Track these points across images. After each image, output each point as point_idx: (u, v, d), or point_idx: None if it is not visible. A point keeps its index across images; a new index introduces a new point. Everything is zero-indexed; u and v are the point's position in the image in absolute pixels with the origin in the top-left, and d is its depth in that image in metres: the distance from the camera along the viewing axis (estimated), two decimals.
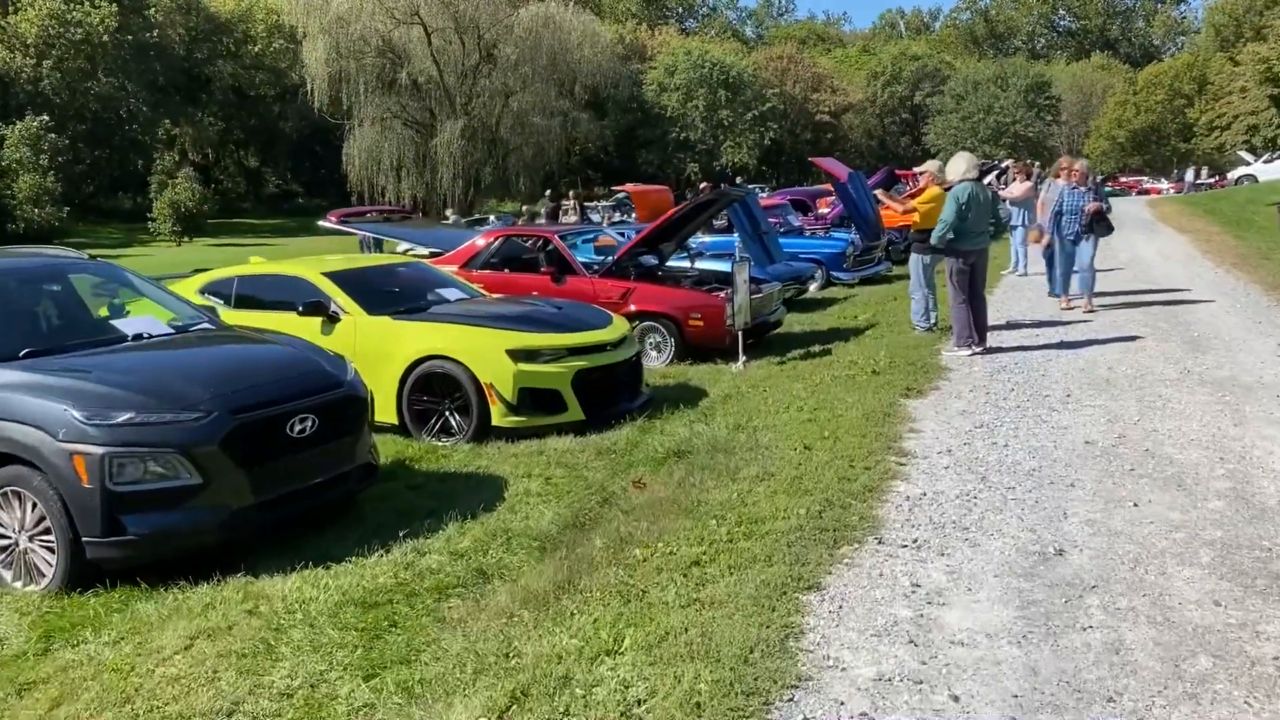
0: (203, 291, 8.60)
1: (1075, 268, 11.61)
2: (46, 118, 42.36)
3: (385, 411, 7.55)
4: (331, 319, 7.77)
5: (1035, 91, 69.04)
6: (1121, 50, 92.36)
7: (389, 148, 48.76)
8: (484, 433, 7.26)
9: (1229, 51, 66.07)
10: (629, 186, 20.28)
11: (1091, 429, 6.27)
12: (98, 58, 48.74)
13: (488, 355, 7.24)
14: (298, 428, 5.09)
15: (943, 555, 4.27)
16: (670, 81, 66.66)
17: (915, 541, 4.42)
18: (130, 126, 51.62)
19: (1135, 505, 4.82)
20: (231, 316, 8.17)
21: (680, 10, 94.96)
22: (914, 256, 10.62)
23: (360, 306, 7.79)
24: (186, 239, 43.26)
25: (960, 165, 9.63)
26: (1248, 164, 47.59)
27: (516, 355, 7.25)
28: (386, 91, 48.71)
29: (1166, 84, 67.76)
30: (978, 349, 9.10)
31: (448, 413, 7.41)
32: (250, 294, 8.43)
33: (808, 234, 17.55)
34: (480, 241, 11.33)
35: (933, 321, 10.54)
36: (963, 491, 5.10)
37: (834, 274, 16.09)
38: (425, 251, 11.93)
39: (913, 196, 11.49)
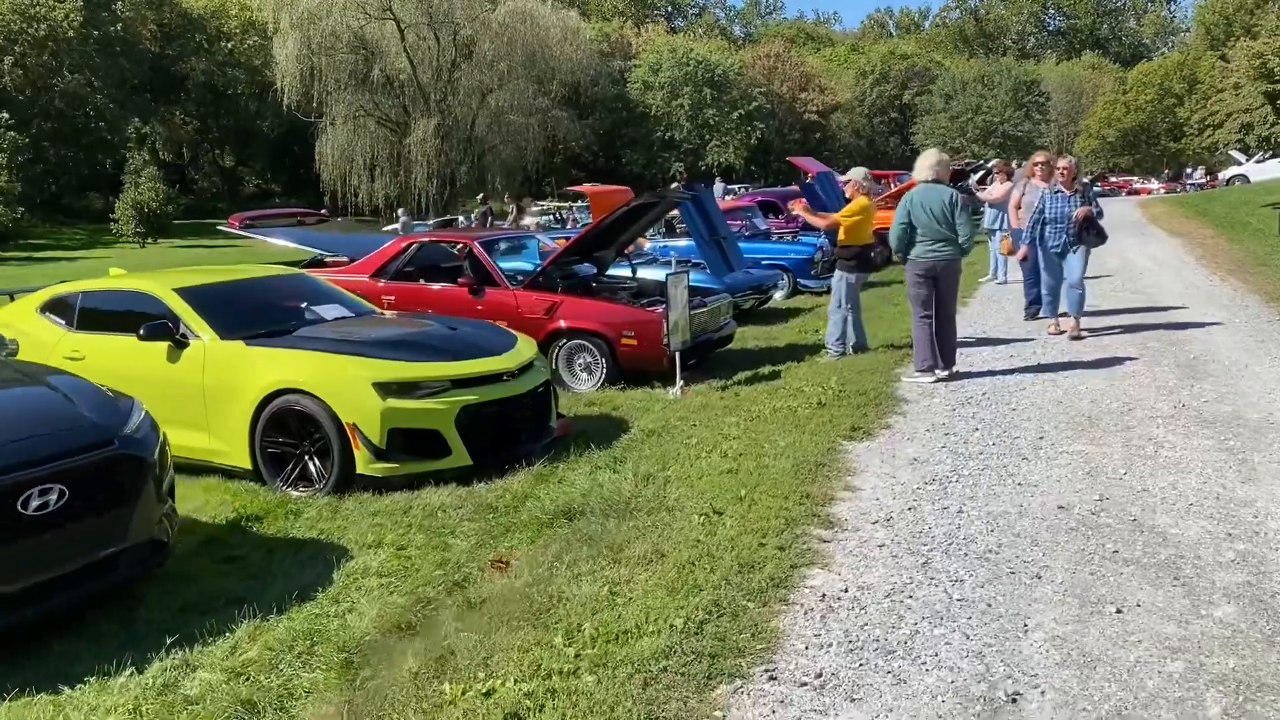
0: (43, 309, 7.41)
1: (1057, 284, 9.99)
2: (5, 115, 40.94)
3: (237, 454, 6.39)
4: (179, 343, 6.59)
5: (1023, 90, 68.09)
6: (1111, 49, 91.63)
7: (362, 146, 47.59)
8: (349, 481, 6.08)
9: (1219, 50, 65.24)
10: (586, 187, 19.04)
11: (1067, 487, 5.11)
12: (62, 54, 47.32)
13: (350, 389, 6.06)
14: (35, 502, 3.90)
15: (854, 700, 3.10)
16: (655, 80, 65.51)
17: (819, 676, 3.25)
18: (97, 124, 50.22)
19: (1119, 611, 3.66)
20: (71, 341, 7.05)
21: (669, 9, 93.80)
22: (837, 274, 9.45)
23: (213, 328, 6.61)
24: (151, 240, 41.92)
25: (922, 164, 8.45)
26: (1239, 164, 46.67)
27: (386, 389, 6.07)
28: (359, 88, 47.50)
29: (1156, 83, 66.91)
30: (942, 374, 7.95)
31: (307, 457, 6.23)
32: (95, 313, 7.22)
33: (775, 238, 16.42)
34: (405, 247, 10.14)
35: (851, 345, 9.39)
36: (896, 586, 3.92)
37: (800, 281, 14.95)
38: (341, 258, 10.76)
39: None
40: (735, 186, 48.32)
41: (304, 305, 7.40)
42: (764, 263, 14.83)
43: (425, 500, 5.81)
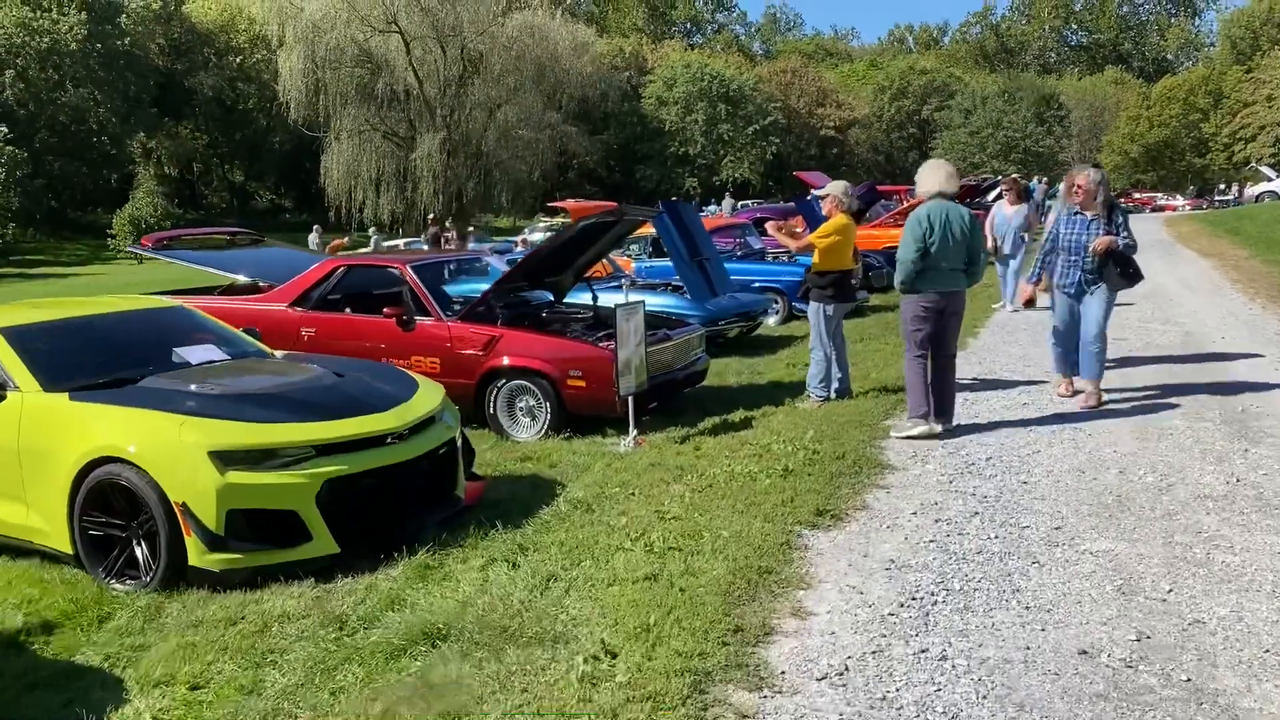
0: None
1: (1067, 333, 7.63)
2: (5, 129, 40.27)
3: (56, 535, 5.15)
4: None
5: (1044, 104, 66.68)
6: (1134, 64, 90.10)
7: (367, 161, 46.84)
8: (182, 574, 4.83)
9: (1245, 64, 63.68)
10: (569, 203, 17.70)
11: (1091, 614, 3.78)
12: (65, 67, 46.65)
13: (181, 459, 4.79)
14: None
15: None
16: (669, 95, 64.55)
17: None
18: (100, 139, 49.47)
19: None
20: None
21: (688, 26, 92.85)
22: (812, 305, 8.08)
23: (37, 377, 5.37)
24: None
25: (931, 177, 7.08)
26: (1270, 180, 45.13)
27: (228, 459, 4.81)
28: (365, 102, 46.73)
29: (1181, 98, 65.52)
30: (938, 426, 6.64)
31: (135, 542, 4.98)
32: None
33: (770, 258, 15.13)
34: (330, 272, 8.90)
35: (834, 389, 8.04)
36: None
37: (796, 305, 13.61)
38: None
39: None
40: (747, 202, 47.11)
41: (169, 346, 6.17)
42: (756, 285, 13.57)
43: (265, 605, 4.55)
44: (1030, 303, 8.19)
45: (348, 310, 8.72)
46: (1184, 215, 42.10)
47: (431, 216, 24.11)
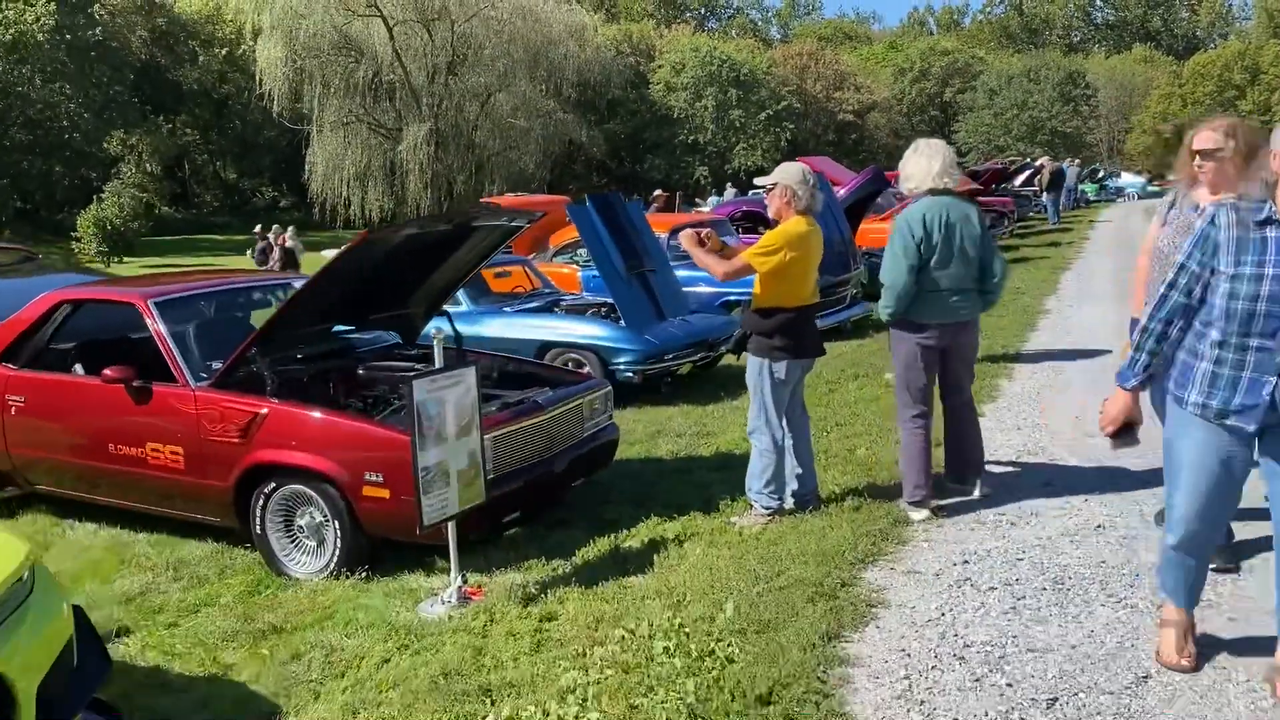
0: None
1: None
2: None
3: None
4: None
5: (1070, 83, 63.47)
6: (1164, 42, 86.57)
7: (352, 154, 44.27)
8: None
9: None
10: (507, 198, 14.61)
11: None
12: (31, 60, 44.13)
13: None
14: None
15: None
16: (677, 80, 61.70)
17: None
18: (72, 135, 46.95)
19: None
20: None
21: (702, 11, 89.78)
22: (751, 361, 5.10)
23: None
24: (116, 259, 38.45)
25: (924, 165, 4.47)
26: None
27: None
28: (348, 92, 44.08)
29: (1215, 75, 62.14)
30: (975, 493, 4.28)
31: None
32: None
33: None
34: (49, 312, 5.97)
35: (792, 492, 5.10)
36: None
37: None
38: None
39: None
40: (758, 192, 43.98)
41: None
42: (726, 300, 10.61)
43: None
44: (1128, 429, 3.31)
45: (77, 368, 5.89)
46: None
47: (259, 228, 20.29)
